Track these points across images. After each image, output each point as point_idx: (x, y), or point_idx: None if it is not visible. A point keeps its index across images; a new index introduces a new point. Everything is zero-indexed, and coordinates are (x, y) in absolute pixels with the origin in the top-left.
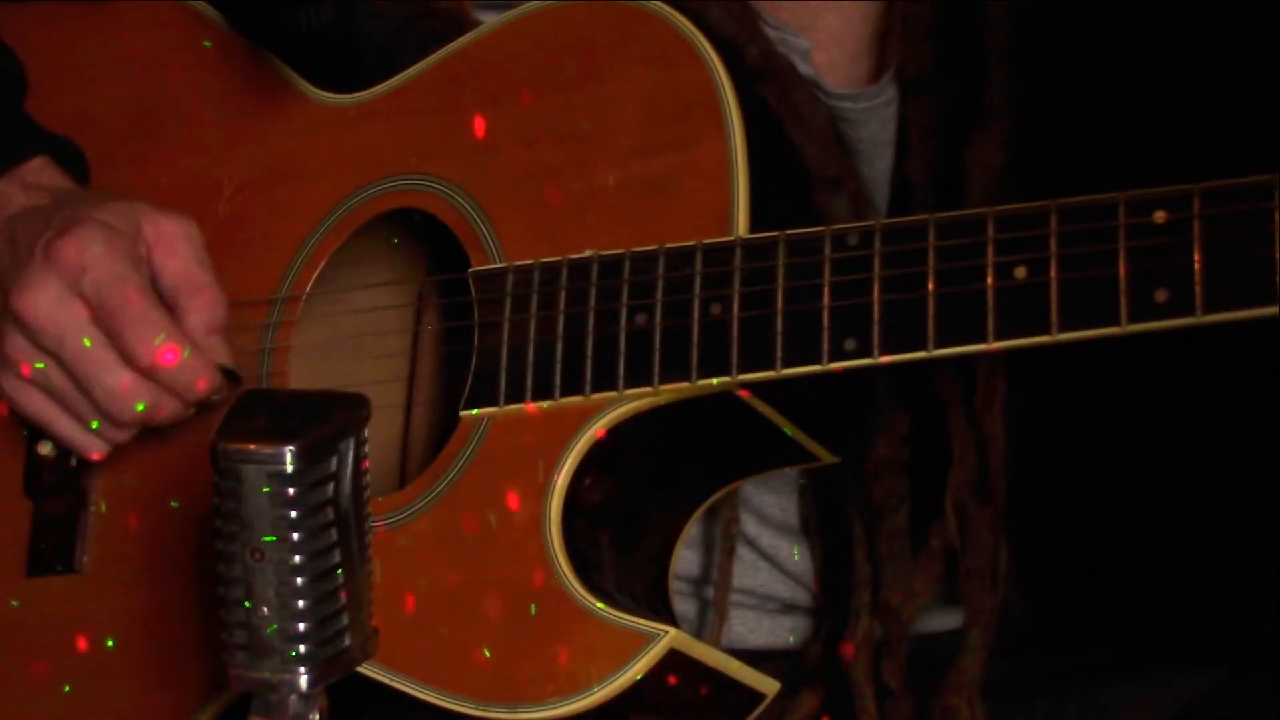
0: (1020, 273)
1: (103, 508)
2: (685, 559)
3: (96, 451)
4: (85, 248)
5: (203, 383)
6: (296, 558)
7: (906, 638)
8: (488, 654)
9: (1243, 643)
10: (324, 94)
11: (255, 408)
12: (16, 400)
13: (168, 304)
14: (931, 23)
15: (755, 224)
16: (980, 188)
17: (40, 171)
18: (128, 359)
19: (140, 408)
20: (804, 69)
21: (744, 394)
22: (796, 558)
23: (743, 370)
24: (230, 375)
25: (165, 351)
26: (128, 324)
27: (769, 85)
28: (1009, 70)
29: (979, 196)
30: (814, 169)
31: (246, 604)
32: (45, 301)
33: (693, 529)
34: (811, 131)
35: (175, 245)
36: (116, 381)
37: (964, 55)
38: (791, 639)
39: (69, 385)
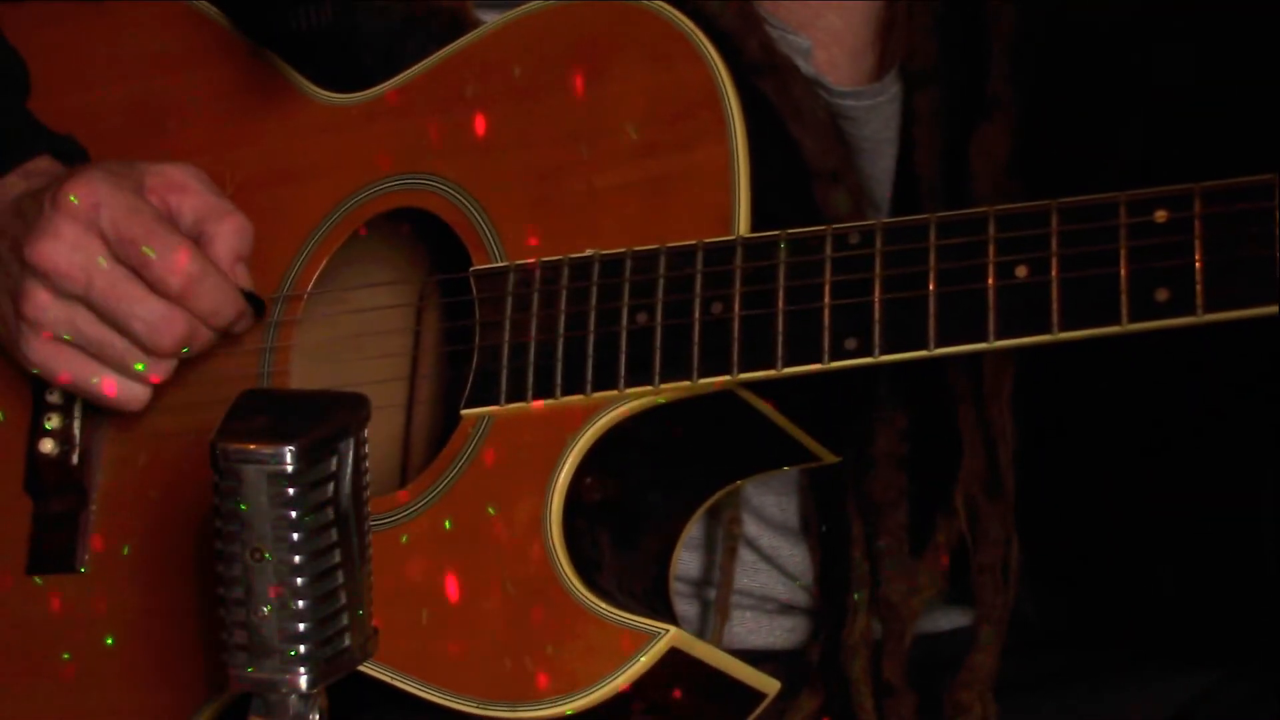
0: (1021, 272)
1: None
2: (686, 561)
3: (138, 400)
4: (95, 187)
5: (231, 307)
6: (296, 558)
7: (908, 634)
8: (488, 653)
9: (1244, 643)
10: (326, 93)
11: (255, 408)
12: (48, 364)
13: (192, 237)
14: (936, 16)
15: (755, 219)
16: (985, 180)
17: (40, 163)
18: (155, 286)
19: (181, 333)
20: (806, 69)
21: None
22: (796, 566)
23: (743, 369)
24: (254, 301)
25: (193, 274)
26: (151, 251)
27: (768, 79)
28: (1013, 62)
29: (984, 188)
30: (813, 163)
31: (246, 604)
32: (64, 246)
33: (694, 530)
34: (810, 126)
35: (186, 184)
36: (154, 309)
37: (968, 47)
38: (790, 639)
39: (102, 329)
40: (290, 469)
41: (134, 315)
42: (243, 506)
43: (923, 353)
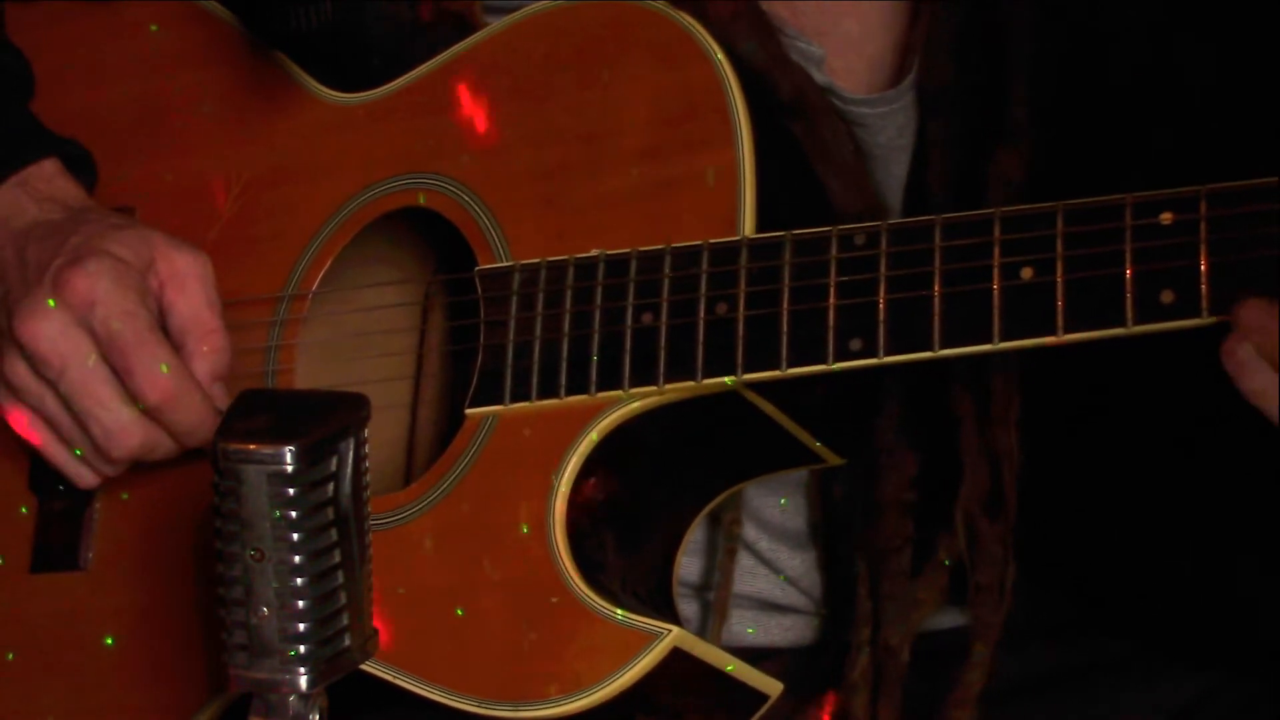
0: (1027, 273)
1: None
2: (686, 564)
3: (87, 481)
4: (95, 281)
5: (206, 428)
6: (296, 558)
7: (902, 678)
8: (491, 652)
9: (1244, 645)
10: (332, 93)
11: (255, 407)
12: (14, 422)
13: (174, 343)
14: (954, 37)
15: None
16: (1000, 203)
17: (51, 180)
18: (134, 395)
19: (135, 446)
20: (819, 78)
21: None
22: (795, 570)
23: (748, 369)
24: None
25: (173, 391)
26: (138, 361)
27: (798, 121)
28: (1033, 87)
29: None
30: (839, 206)
31: (246, 604)
32: (50, 331)
33: (695, 535)
34: (838, 169)
35: (187, 284)
36: (115, 418)
37: (986, 70)
38: (788, 637)
39: (65, 417)
40: (290, 469)
41: (93, 418)
42: (242, 507)
43: (927, 354)
